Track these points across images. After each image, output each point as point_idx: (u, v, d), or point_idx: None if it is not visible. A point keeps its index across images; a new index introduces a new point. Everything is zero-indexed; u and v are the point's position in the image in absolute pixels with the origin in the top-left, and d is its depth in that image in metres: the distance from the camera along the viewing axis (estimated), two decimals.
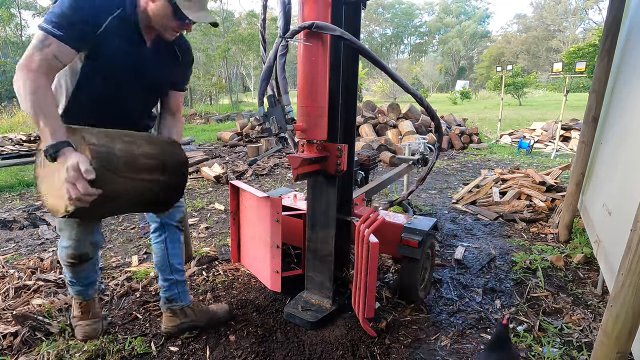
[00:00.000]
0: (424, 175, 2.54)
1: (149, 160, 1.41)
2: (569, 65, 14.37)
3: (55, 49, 1.26)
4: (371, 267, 1.66)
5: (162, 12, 1.37)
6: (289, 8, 1.55)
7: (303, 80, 1.62)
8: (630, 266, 1.09)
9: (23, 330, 1.80)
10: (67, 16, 1.26)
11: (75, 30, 1.27)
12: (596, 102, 2.69)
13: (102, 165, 1.24)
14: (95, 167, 1.22)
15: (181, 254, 1.87)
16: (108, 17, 1.34)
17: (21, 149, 6.81)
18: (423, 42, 60.40)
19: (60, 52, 1.27)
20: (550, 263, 2.62)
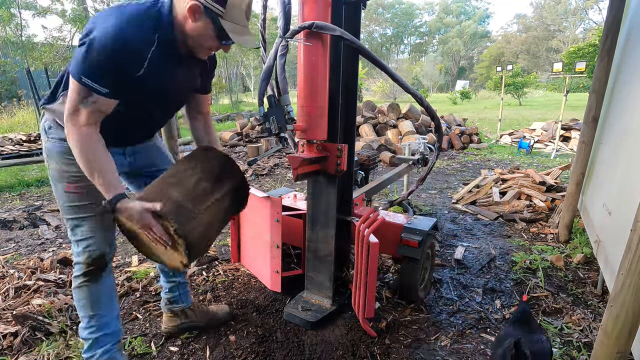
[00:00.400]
0: (424, 175, 2.54)
1: (205, 183, 1.44)
2: (569, 65, 14.35)
3: (101, 104, 1.22)
4: (371, 267, 1.66)
5: (203, 32, 1.26)
6: (289, 8, 1.55)
7: (303, 80, 1.62)
8: (630, 266, 1.09)
9: (23, 330, 1.81)
10: (105, 68, 1.16)
11: (118, 83, 1.21)
12: (596, 102, 2.69)
13: (181, 222, 1.28)
14: (177, 227, 1.26)
15: None
16: (149, 51, 1.23)
17: (21, 149, 6.82)
18: (423, 42, 60.39)
19: (105, 105, 1.23)
20: (550, 263, 2.62)
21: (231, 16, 1.24)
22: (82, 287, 1.47)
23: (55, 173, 1.37)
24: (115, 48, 1.15)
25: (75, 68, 1.17)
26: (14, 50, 11.03)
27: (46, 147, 1.38)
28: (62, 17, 12.68)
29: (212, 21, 1.23)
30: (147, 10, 1.23)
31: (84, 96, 1.19)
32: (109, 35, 1.14)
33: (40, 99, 8.54)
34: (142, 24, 1.21)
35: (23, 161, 5.60)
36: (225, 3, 1.21)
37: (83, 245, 1.42)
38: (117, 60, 1.17)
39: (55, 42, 12.25)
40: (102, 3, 15.86)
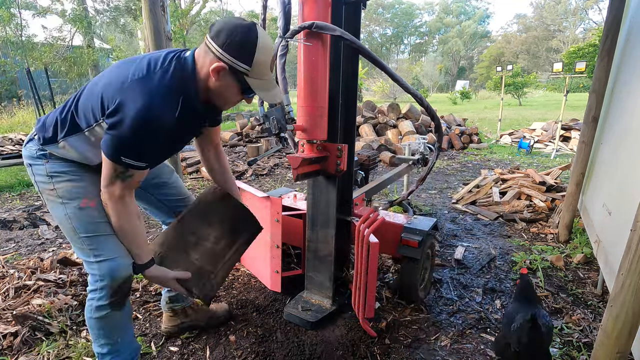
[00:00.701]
0: (424, 175, 2.53)
1: (223, 240, 1.55)
2: (569, 65, 14.35)
3: (138, 176, 1.23)
4: (371, 267, 1.66)
5: (227, 89, 1.23)
6: (289, 8, 1.55)
7: (303, 80, 1.62)
8: (630, 266, 1.09)
9: (23, 330, 1.80)
10: (143, 147, 1.17)
11: (154, 154, 1.23)
12: (596, 102, 2.69)
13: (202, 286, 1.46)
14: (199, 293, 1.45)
15: None
16: (174, 116, 1.19)
17: (21, 149, 6.83)
18: (423, 42, 60.37)
19: (141, 176, 1.25)
20: (550, 263, 2.62)
21: (257, 73, 1.19)
22: (107, 317, 1.33)
23: (65, 193, 1.28)
24: (150, 129, 1.14)
25: (111, 150, 1.15)
26: (14, 50, 11.03)
27: (46, 169, 1.28)
28: (62, 17, 12.69)
29: (237, 80, 1.20)
30: (172, 76, 1.19)
31: (121, 171, 1.19)
32: (143, 117, 1.12)
33: (40, 99, 8.56)
34: (171, 95, 1.18)
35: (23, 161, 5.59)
36: (251, 61, 1.16)
37: (107, 267, 1.27)
38: (153, 139, 1.17)
39: (55, 42, 12.26)
40: (102, 3, 15.88)
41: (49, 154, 1.29)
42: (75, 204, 1.27)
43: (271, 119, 1.52)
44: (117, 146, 1.15)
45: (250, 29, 1.16)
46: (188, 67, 1.21)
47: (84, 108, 1.24)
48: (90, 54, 12.34)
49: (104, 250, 1.28)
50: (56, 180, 1.28)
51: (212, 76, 1.19)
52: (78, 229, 1.27)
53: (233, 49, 1.14)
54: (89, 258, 1.29)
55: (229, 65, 1.16)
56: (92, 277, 1.31)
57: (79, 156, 1.29)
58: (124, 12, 15.66)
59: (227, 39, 1.14)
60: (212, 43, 1.16)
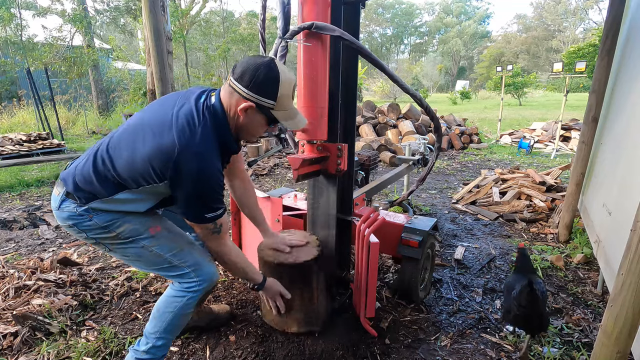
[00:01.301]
0: (424, 175, 2.54)
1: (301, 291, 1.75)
2: (569, 65, 14.35)
3: (225, 222, 1.36)
4: (371, 267, 1.66)
5: (255, 125, 1.31)
6: (289, 8, 1.55)
7: (303, 81, 1.62)
8: (630, 266, 1.09)
9: (23, 330, 1.80)
10: (213, 197, 1.26)
11: (221, 197, 1.31)
12: (596, 102, 2.69)
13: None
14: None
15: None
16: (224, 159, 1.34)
17: (21, 149, 6.82)
18: (423, 42, 60.35)
19: (227, 220, 1.38)
20: (550, 263, 2.62)
21: (281, 105, 1.27)
22: (188, 315, 1.47)
23: (131, 232, 1.33)
24: (212, 182, 1.23)
25: (193, 215, 1.28)
26: (14, 50, 11.03)
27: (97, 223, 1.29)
28: (62, 17, 12.69)
29: (264, 114, 1.28)
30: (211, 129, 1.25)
31: (212, 228, 1.32)
32: (203, 177, 1.20)
33: (40, 99, 8.55)
34: (215, 146, 1.26)
35: (23, 161, 5.60)
36: (276, 96, 1.24)
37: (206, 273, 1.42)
38: (217, 188, 1.26)
39: (55, 42, 12.25)
40: (102, 3, 15.88)
41: (92, 209, 1.29)
42: (145, 235, 1.35)
43: None
44: (196, 209, 1.26)
45: (271, 67, 1.22)
46: (219, 113, 1.28)
47: (130, 174, 1.25)
48: (90, 54, 12.33)
49: (195, 259, 1.41)
50: (114, 227, 1.31)
51: (241, 115, 1.27)
52: (162, 252, 1.36)
53: (258, 88, 1.22)
54: (183, 271, 1.39)
55: (256, 103, 1.24)
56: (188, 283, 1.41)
57: (127, 207, 1.32)
58: (124, 12, 15.65)
59: (252, 79, 1.21)
60: (237, 85, 1.23)
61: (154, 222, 1.38)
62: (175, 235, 1.43)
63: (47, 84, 8.87)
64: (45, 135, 7.68)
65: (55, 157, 6.01)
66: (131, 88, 14.29)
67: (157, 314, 1.45)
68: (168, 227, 1.44)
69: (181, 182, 1.21)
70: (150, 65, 5.85)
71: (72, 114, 11.94)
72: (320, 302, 1.75)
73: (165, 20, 8.02)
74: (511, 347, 1.81)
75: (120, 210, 1.32)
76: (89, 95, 13.90)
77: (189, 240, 1.46)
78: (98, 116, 12.66)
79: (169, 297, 1.44)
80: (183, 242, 1.42)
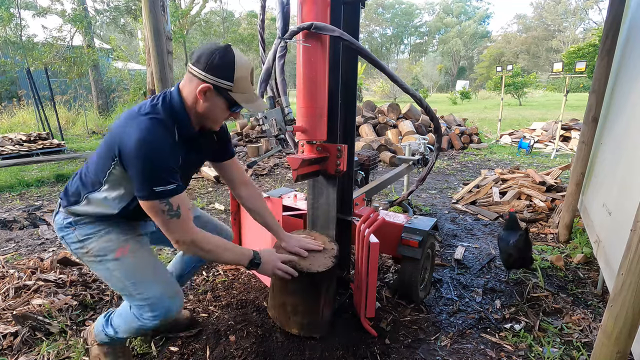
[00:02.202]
0: (423, 175, 2.54)
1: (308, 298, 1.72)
2: (569, 65, 14.35)
3: (183, 202, 1.26)
4: (371, 267, 1.66)
5: (215, 108, 1.31)
6: (288, 8, 1.54)
7: (302, 81, 1.62)
8: (630, 266, 1.09)
9: (23, 330, 1.81)
10: (160, 168, 1.21)
11: (175, 173, 1.25)
12: (596, 102, 2.69)
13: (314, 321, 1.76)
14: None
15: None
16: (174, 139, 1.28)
17: (21, 149, 6.82)
18: (423, 42, 60.34)
19: (186, 200, 1.29)
20: (550, 263, 2.62)
21: (239, 87, 1.28)
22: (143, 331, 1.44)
23: (99, 250, 1.36)
24: (156, 151, 1.19)
25: (141, 187, 1.21)
26: (14, 50, 11.02)
27: (77, 236, 1.37)
28: (62, 17, 12.69)
29: (223, 97, 1.28)
30: (162, 108, 1.27)
31: (167, 208, 1.23)
32: (143, 144, 1.17)
33: (40, 99, 8.56)
34: (163, 123, 1.25)
35: (23, 161, 5.60)
36: (233, 78, 1.25)
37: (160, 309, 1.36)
38: (164, 160, 1.22)
39: (55, 42, 12.25)
40: (102, 3, 15.88)
41: (74, 222, 1.37)
42: (111, 257, 1.35)
43: (270, 120, 1.52)
44: (142, 181, 1.20)
45: (227, 50, 1.25)
46: (175, 98, 1.30)
47: (96, 165, 1.32)
48: (90, 54, 12.33)
49: (153, 293, 1.35)
50: (87, 243, 1.36)
51: (200, 98, 1.27)
52: (123, 278, 1.34)
53: (215, 69, 1.24)
54: (139, 303, 1.35)
55: (213, 84, 1.25)
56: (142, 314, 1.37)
57: (101, 208, 1.35)
58: (124, 12, 15.64)
59: (208, 62, 1.23)
60: (194, 68, 1.25)
61: (125, 243, 1.37)
62: (141, 262, 1.38)
63: (47, 84, 8.87)
64: (45, 135, 7.68)
65: (55, 157, 6.01)
66: (131, 88, 14.30)
67: (123, 313, 1.45)
68: (138, 252, 1.39)
69: (126, 155, 1.19)
70: (150, 65, 5.85)
71: (72, 114, 11.94)
72: (324, 311, 1.73)
73: (165, 20, 8.01)
74: (511, 347, 1.81)
75: (96, 213, 1.35)
76: (89, 95, 13.90)
77: (157, 271, 1.39)
78: (98, 116, 12.66)
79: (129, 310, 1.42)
80: (148, 271, 1.37)
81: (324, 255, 1.68)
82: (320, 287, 1.66)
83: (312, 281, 1.61)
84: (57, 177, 5.43)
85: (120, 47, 17.55)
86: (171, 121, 1.28)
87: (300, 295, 1.68)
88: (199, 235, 1.32)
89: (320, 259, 1.65)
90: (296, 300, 1.70)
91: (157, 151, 1.19)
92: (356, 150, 2.60)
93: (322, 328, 1.76)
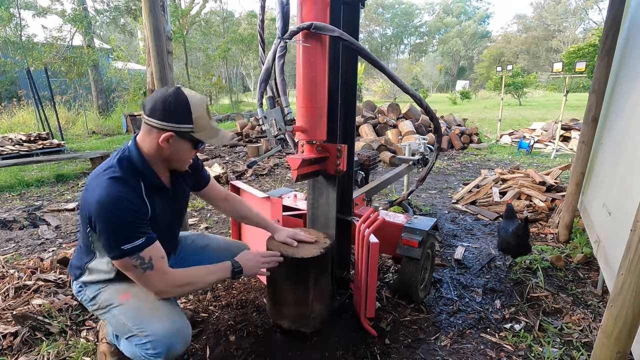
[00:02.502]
0: (423, 175, 2.54)
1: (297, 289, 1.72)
2: (569, 65, 14.35)
3: (155, 253, 1.27)
4: (371, 267, 1.66)
5: (181, 151, 1.34)
6: (287, 8, 1.54)
7: (302, 81, 1.62)
8: (630, 266, 1.09)
9: (23, 330, 1.81)
10: (129, 224, 1.22)
11: (144, 227, 1.26)
12: (596, 102, 2.69)
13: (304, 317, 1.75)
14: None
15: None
16: (144, 195, 1.31)
17: (21, 149, 6.83)
18: (423, 42, 60.32)
19: (158, 250, 1.29)
20: (550, 263, 2.62)
21: (199, 126, 1.31)
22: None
23: (105, 301, 1.40)
24: (119, 207, 1.20)
25: (111, 248, 1.22)
26: (14, 50, 11.02)
27: (87, 295, 1.43)
28: (62, 17, 12.69)
29: (186, 139, 1.32)
30: (118, 164, 1.29)
31: (139, 263, 1.24)
32: (106, 202, 1.19)
33: (40, 99, 8.56)
34: (124, 179, 1.27)
35: (23, 161, 5.60)
36: (191, 120, 1.29)
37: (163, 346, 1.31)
38: (129, 216, 1.22)
39: (55, 42, 12.25)
40: (102, 3, 15.88)
41: (84, 283, 1.44)
42: (116, 304, 1.38)
43: (270, 120, 1.52)
44: (111, 242, 1.22)
45: (178, 94, 1.28)
46: (133, 153, 1.32)
47: (82, 234, 1.38)
48: (90, 54, 12.33)
49: (154, 329, 1.32)
50: (97, 298, 1.42)
51: (164, 146, 1.30)
52: (126, 321, 1.36)
53: (172, 116, 1.26)
54: (141, 340, 1.33)
55: (174, 131, 1.28)
56: (146, 352, 1.33)
57: (101, 274, 1.40)
58: (124, 12, 15.64)
59: (163, 110, 1.26)
60: (151, 120, 1.28)
61: (127, 289, 1.40)
62: (143, 302, 1.37)
63: (47, 84, 8.87)
64: (45, 135, 7.69)
65: (55, 157, 6.01)
66: (131, 88, 14.29)
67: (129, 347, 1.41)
68: (140, 293, 1.39)
69: (92, 217, 1.22)
70: (150, 65, 5.86)
71: (72, 114, 11.94)
72: (314, 304, 1.70)
73: (165, 20, 8.00)
74: (511, 347, 1.81)
75: (100, 279, 1.41)
76: (88, 95, 13.90)
77: (161, 309, 1.36)
78: (98, 116, 12.66)
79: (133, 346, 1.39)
80: (150, 310, 1.36)
81: (315, 246, 1.70)
82: (308, 276, 1.63)
83: (297, 268, 1.61)
84: (57, 177, 5.43)
85: (120, 47, 17.53)
86: (133, 176, 1.30)
87: (288, 285, 1.68)
88: (176, 275, 1.34)
89: (310, 249, 1.67)
90: (284, 290, 1.69)
91: (117, 209, 1.20)
92: (356, 150, 2.60)
93: (311, 323, 1.73)
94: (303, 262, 1.59)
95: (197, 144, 1.36)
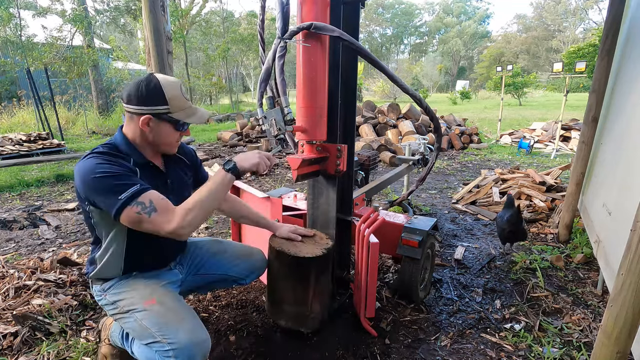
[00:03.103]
0: (423, 175, 2.54)
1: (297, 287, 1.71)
2: (569, 65, 14.34)
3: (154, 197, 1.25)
4: (371, 267, 1.66)
5: (162, 132, 1.36)
6: (287, 8, 1.54)
7: (302, 81, 1.62)
8: (630, 266, 1.09)
9: (23, 330, 1.80)
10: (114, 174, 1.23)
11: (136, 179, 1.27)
12: (596, 102, 2.69)
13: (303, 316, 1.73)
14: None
15: None
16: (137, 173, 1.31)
17: (21, 149, 6.83)
18: (423, 42, 60.33)
19: (157, 196, 1.27)
20: (550, 263, 2.62)
21: (175, 106, 1.34)
22: None
23: (128, 306, 1.39)
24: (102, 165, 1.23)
25: (109, 202, 1.22)
26: (14, 50, 11.03)
27: (108, 300, 1.43)
28: (62, 17, 12.69)
29: (165, 120, 1.35)
30: (104, 146, 1.33)
31: (142, 207, 1.23)
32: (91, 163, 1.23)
33: (40, 99, 8.56)
34: (109, 154, 1.30)
35: (23, 161, 5.60)
36: (165, 100, 1.32)
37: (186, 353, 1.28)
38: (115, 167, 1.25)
39: (55, 42, 12.26)
40: (102, 3, 15.88)
41: (103, 289, 1.44)
42: (140, 309, 1.37)
43: (270, 120, 1.52)
44: (108, 198, 1.22)
45: (149, 79, 1.33)
46: (118, 138, 1.37)
47: (85, 223, 1.42)
48: (90, 54, 12.34)
49: (178, 338, 1.29)
50: (118, 303, 1.41)
51: (145, 130, 1.34)
52: (149, 326, 1.34)
53: (146, 99, 1.31)
54: (164, 347, 1.31)
55: (151, 113, 1.32)
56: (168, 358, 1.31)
57: (110, 268, 1.42)
58: (124, 12, 15.65)
59: (137, 96, 1.30)
60: (129, 106, 1.33)
61: (151, 295, 1.40)
62: (168, 309, 1.37)
63: (47, 84, 8.87)
64: (45, 135, 7.69)
65: (55, 157, 6.01)
66: None
67: (145, 351, 1.40)
68: (164, 298, 1.40)
69: (84, 190, 1.25)
70: (150, 65, 5.86)
71: (72, 114, 11.95)
72: (313, 304, 1.69)
73: (165, 20, 8.02)
74: (511, 347, 1.81)
75: (114, 275, 1.42)
76: (89, 95, 13.91)
77: (185, 317, 1.36)
78: (98, 116, 12.67)
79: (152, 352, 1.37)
80: (175, 317, 1.35)
81: (317, 246, 1.69)
82: (309, 276, 1.63)
83: (298, 267, 1.61)
84: (57, 177, 5.43)
85: (120, 47, 17.54)
86: (118, 154, 1.33)
87: (288, 282, 1.67)
88: (182, 207, 1.29)
89: (312, 248, 1.67)
90: (284, 287, 1.69)
91: (101, 167, 1.23)
92: (356, 150, 2.61)
93: (310, 323, 1.72)
94: (305, 261, 1.59)
95: (178, 124, 1.38)
